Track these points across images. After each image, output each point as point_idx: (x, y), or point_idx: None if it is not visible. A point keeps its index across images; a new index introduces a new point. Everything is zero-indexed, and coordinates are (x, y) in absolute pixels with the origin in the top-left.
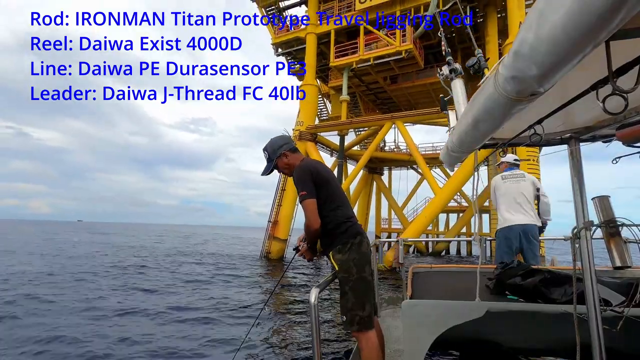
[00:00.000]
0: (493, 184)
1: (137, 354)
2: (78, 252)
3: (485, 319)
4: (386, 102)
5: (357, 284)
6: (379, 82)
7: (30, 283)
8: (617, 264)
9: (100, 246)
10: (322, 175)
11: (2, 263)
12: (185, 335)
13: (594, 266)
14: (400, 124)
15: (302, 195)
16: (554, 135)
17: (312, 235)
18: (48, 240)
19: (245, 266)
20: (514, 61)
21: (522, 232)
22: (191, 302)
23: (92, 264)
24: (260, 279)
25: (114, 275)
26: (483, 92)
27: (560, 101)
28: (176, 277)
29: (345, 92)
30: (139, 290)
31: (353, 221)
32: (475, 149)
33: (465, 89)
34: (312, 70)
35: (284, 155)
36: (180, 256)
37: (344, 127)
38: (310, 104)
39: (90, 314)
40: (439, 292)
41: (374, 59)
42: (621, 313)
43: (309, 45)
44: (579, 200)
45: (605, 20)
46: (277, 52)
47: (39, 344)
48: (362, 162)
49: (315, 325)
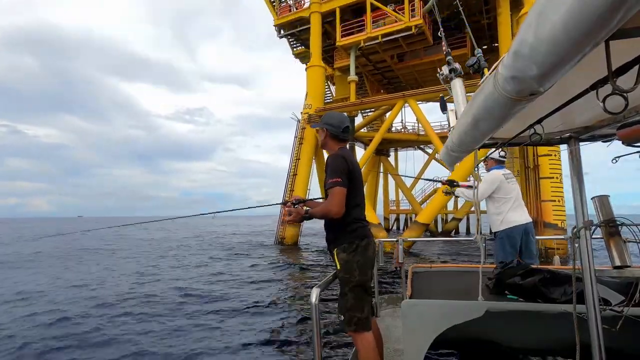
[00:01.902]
0: (495, 179)
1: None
2: (167, 248)
3: (485, 319)
4: (393, 81)
5: (357, 286)
6: (387, 61)
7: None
8: (616, 264)
9: (157, 241)
10: (355, 171)
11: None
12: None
13: (594, 266)
14: (413, 102)
15: (336, 181)
16: (553, 135)
17: (323, 218)
18: (121, 238)
19: (268, 252)
20: (514, 61)
21: (524, 231)
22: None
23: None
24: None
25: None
26: (483, 91)
27: (560, 101)
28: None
29: (352, 72)
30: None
31: (364, 223)
32: (475, 148)
33: (464, 88)
34: (318, 51)
35: (322, 131)
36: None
37: (354, 108)
38: (317, 86)
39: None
40: (438, 292)
41: (382, 36)
42: (621, 312)
43: (313, 25)
44: (578, 200)
45: (605, 19)
46: (279, 34)
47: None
48: (374, 144)
49: (316, 325)
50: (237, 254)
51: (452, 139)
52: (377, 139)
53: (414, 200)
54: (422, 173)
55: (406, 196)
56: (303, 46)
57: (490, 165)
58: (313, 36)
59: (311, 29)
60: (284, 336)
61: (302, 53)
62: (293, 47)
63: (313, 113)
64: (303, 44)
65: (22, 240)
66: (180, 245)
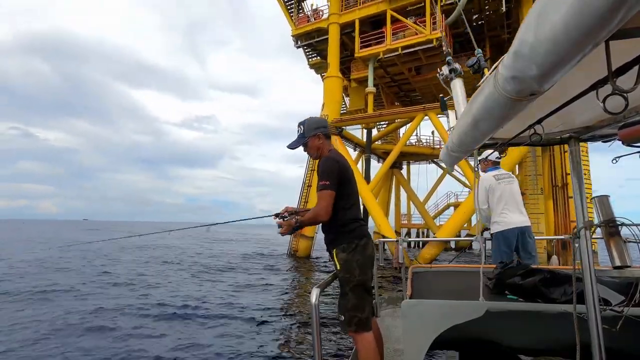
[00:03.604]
0: (485, 184)
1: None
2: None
3: (485, 319)
4: (409, 94)
5: (358, 286)
6: (404, 73)
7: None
8: (616, 264)
9: (177, 249)
10: (348, 172)
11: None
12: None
13: (594, 266)
14: (434, 115)
15: (324, 184)
16: (553, 135)
17: (313, 224)
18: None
19: (284, 264)
20: (514, 61)
21: (521, 233)
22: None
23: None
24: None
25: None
26: (483, 92)
27: (560, 101)
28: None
29: (371, 84)
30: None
31: (361, 223)
32: (475, 149)
33: (465, 89)
34: (336, 61)
35: (317, 137)
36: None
37: (371, 119)
38: (334, 97)
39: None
40: (438, 292)
41: (402, 49)
42: (621, 312)
43: (331, 36)
44: (578, 200)
45: (605, 20)
46: (297, 44)
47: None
48: (392, 157)
49: (316, 325)
50: (249, 268)
51: (452, 139)
52: (396, 151)
53: (427, 214)
54: (436, 187)
55: (419, 210)
56: (319, 57)
57: (486, 167)
58: (331, 47)
59: (329, 40)
60: (284, 336)
61: (318, 64)
62: (309, 57)
63: (330, 123)
64: (319, 55)
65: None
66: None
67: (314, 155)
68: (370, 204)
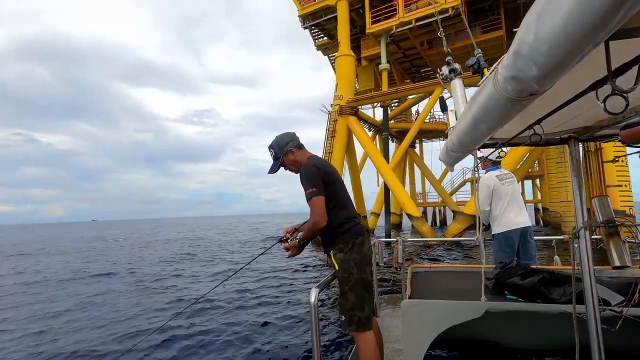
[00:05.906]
0: (489, 184)
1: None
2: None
3: (484, 319)
4: (421, 69)
5: (357, 285)
6: (417, 48)
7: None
8: (616, 264)
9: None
10: (330, 174)
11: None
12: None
13: (593, 266)
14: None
15: (311, 192)
16: (553, 135)
17: (315, 233)
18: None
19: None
20: (514, 61)
21: (522, 234)
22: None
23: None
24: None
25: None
26: (483, 92)
27: (560, 101)
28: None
29: (384, 60)
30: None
31: (356, 221)
32: (475, 148)
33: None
34: (346, 39)
35: (290, 152)
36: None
37: (388, 97)
38: (348, 76)
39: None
40: (438, 292)
41: (415, 21)
42: (620, 313)
43: (340, 13)
44: (578, 200)
45: (605, 19)
46: (304, 24)
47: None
48: (412, 135)
49: (315, 325)
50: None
51: (452, 139)
52: (414, 129)
53: (444, 191)
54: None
55: (435, 188)
56: (327, 37)
57: (486, 166)
58: (340, 24)
59: (338, 17)
60: (283, 337)
61: (325, 44)
62: (315, 38)
63: (345, 104)
64: (327, 35)
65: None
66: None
67: (295, 170)
68: (393, 183)
